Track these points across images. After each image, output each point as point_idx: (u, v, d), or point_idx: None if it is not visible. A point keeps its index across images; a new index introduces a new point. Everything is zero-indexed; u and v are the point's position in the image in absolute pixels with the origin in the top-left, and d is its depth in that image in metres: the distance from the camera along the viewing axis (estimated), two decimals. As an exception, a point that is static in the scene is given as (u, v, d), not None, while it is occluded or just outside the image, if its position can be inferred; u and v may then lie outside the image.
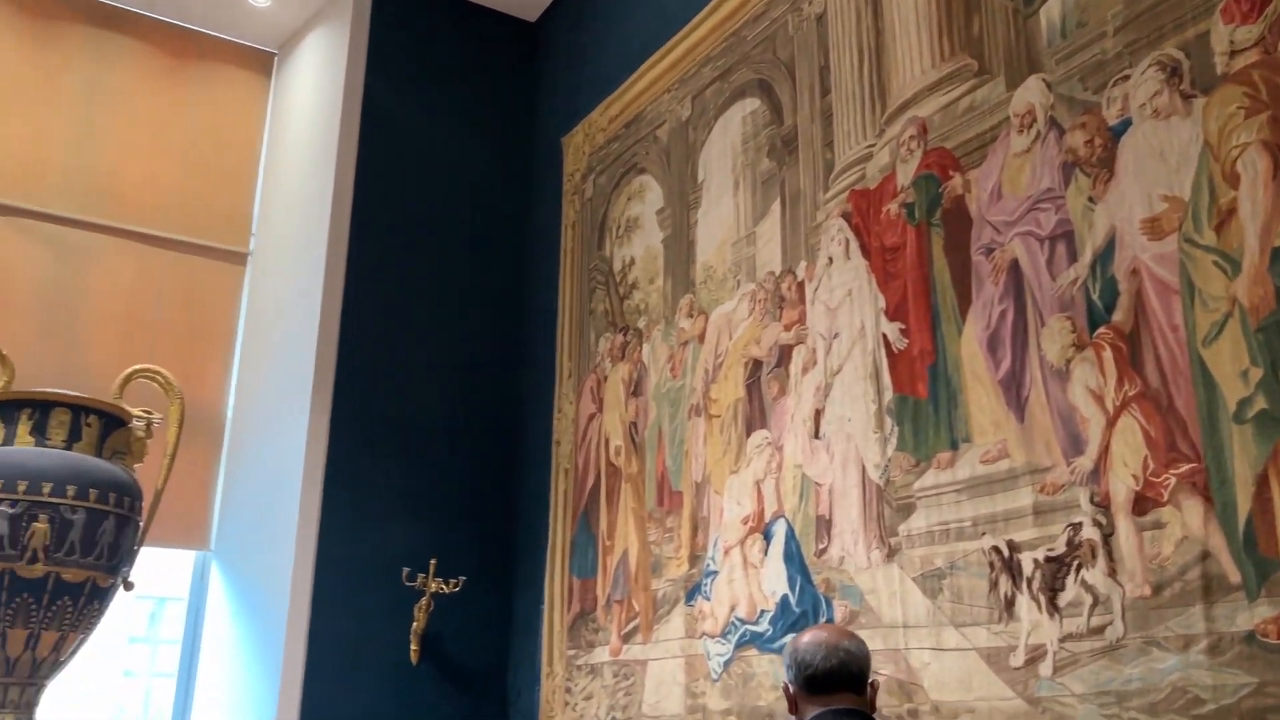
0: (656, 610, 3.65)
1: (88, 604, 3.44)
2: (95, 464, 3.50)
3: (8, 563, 3.26)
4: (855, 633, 2.15)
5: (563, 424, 4.49)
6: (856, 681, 1.90)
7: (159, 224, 4.87)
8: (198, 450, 4.65)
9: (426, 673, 4.36)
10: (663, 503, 3.77)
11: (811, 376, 3.16)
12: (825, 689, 1.88)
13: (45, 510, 3.31)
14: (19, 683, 3.34)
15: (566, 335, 4.59)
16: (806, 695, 1.91)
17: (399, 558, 4.35)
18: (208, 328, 4.92)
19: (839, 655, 1.90)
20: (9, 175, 4.60)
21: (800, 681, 1.92)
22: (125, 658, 6.94)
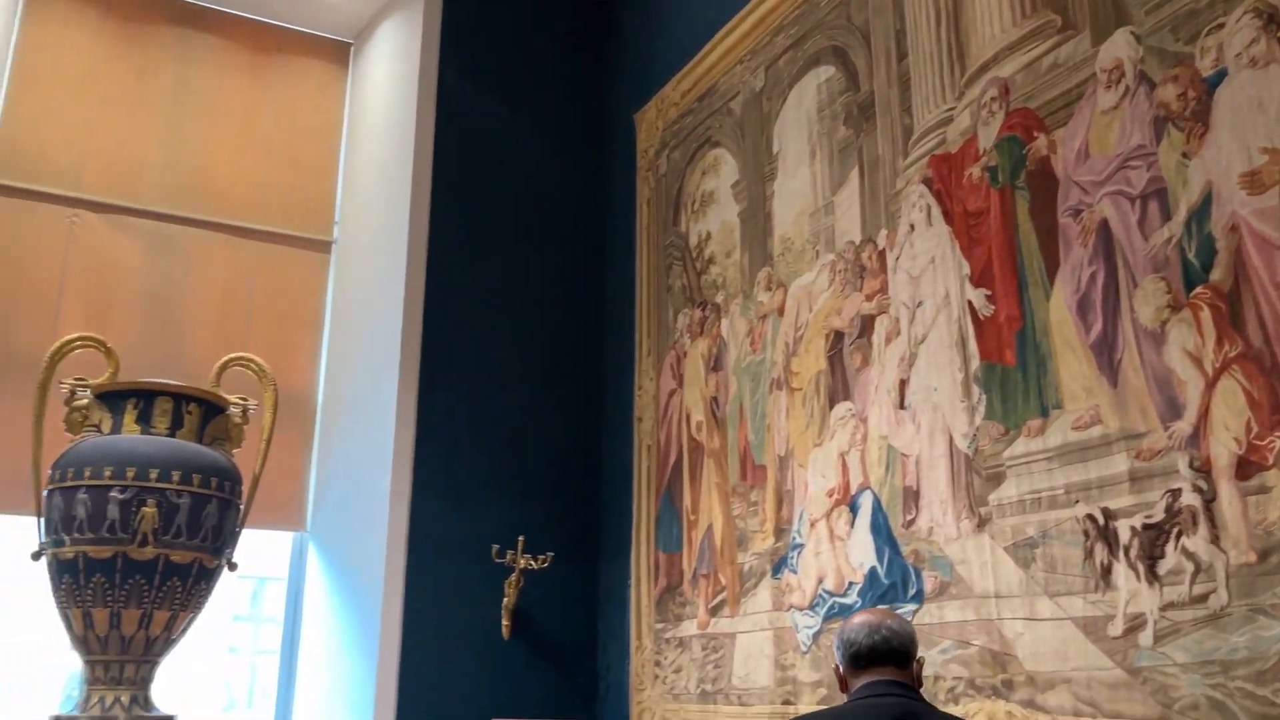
0: (743, 584, 3.66)
1: (195, 584, 3.59)
2: (197, 450, 3.64)
3: (120, 546, 3.41)
4: (901, 615, 2.21)
5: (643, 400, 4.51)
6: (900, 656, 2.00)
7: (247, 216, 5.01)
8: (291, 435, 4.79)
9: (518, 647, 4.45)
10: (746, 477, 3.77)
11: (895, 346, 3.12)
12: (869, 664, 1.98)
13: (153, 495, 3.45)
14: (134, 660, 3.50)
15: (645, 312, 4.61)
16: (853, 671, 2.02)
17: (488, 535, 4.43)
18: (297, 315, 5.05)
19: (881, 633, 2.00)
20: (108, 176, 4.77)
21: (847, 659, 2.02)
22: (230, 636, 7.21)
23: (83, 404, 3.66)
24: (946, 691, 2.73)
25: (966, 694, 2.67)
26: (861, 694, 1.98)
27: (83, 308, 4.59)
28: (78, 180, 4.71)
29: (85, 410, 3.65)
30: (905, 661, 2.01)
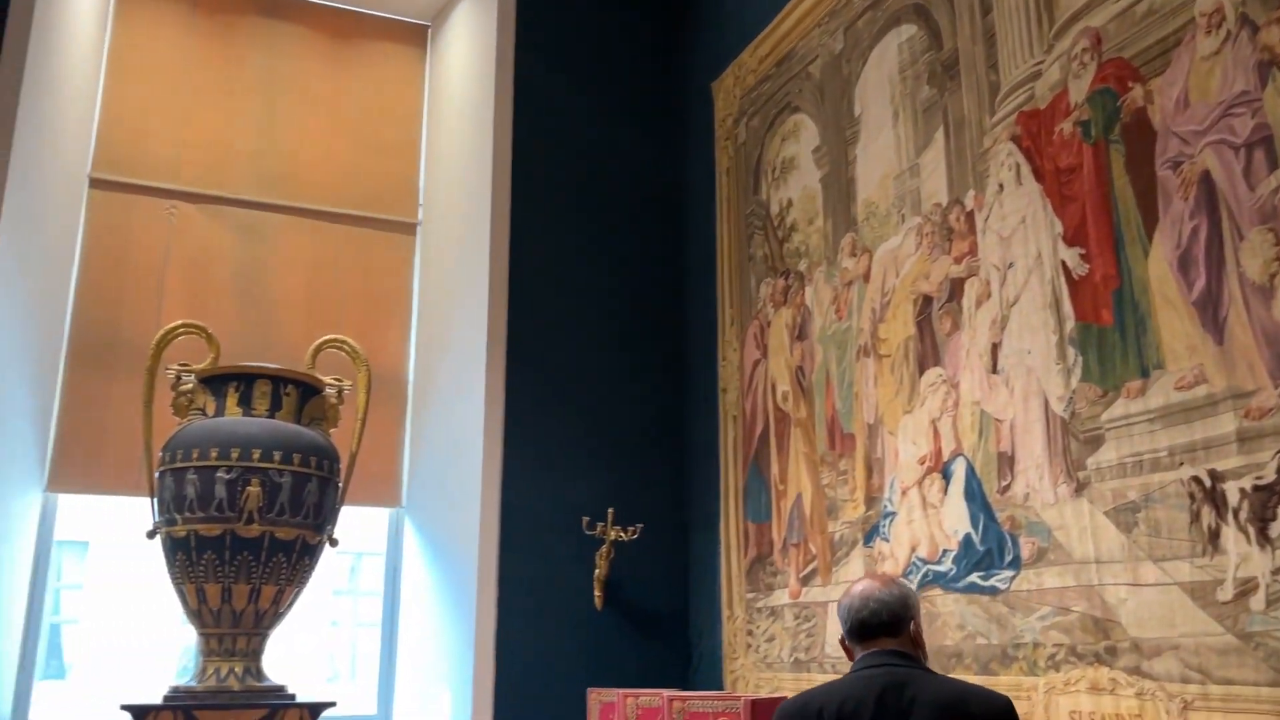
0: (834, 552, 3.64)
1: (299, 560, 3.71)
2: (296, 430, 3.76)
3: (228, 524, 3.55)
4: (899, 580, 2.23)
5: (728, 371, 4.51)
6: (891, 626, 2.08)
7: (334, 201, 5.12)
8: (385, 414, 4.91)
9: (611, 617, 4.51)
10: (834, 446, 3.74)
11: (986, 309, 3.06)
12: (864, 637, 2.09)
13: (256, 475, 3.58)
14: (245, 633, 3.65)
15: (727, 283, 4.59)
16: (853, 642, 2.12)
17: (579, 507, 4.49)
18: (386, 297, 5.15)
19: (870, 606, 2.08)
20: (202, 166, 4.93)
21: (847, 633, 2.13)
22: (331, 610, 7.45)
23: (188, 388, 3.80)
24: (1047, 659, 2.69)
25: (1068, 661, 2.63)
26: (857, 666, 2.07)
27: (183, 295, 4.76)
28: (174, 172, 4.88)
29: (190, 394, 3.79)
30: (898, 630, 2.08)
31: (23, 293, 4.25)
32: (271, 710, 3.47)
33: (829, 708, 1.97)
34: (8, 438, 4.20)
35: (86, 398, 4.55)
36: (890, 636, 2.07)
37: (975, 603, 2.96)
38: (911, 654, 2.08)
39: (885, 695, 1.95)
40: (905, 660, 2.04)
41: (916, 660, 2.08)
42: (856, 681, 2.01)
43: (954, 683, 2.11)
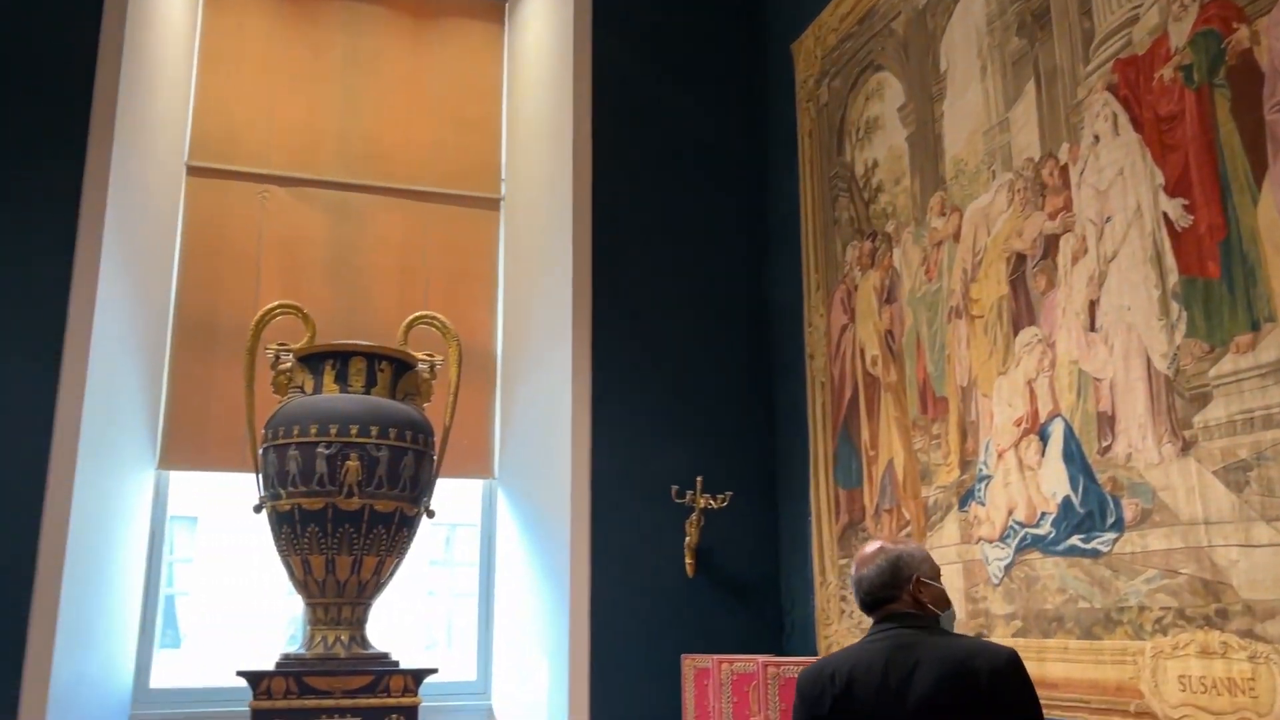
0: (928, 517, 3.60)
1: (398, 531, 3.82)
2: (392, 405, 3.85)
3: (329, 497, 3.67)
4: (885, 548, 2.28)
5: (814, 337, 4.47)
6: (888, 596, 2.18)
7: (419, 179, 5.19)
8: (475, 387, 4.99)
9: (703, 584, 4.54)
10: (926, 410, 3.69)
11: (1083, 265, 2.97)
12: (870, 609, 2.21)
13: (355, 450, 3.69)
14: (349, 602, 3.77)
15: (811, 247, 4.54)
16: (864, 614, 2.26)
17: (668, 475, 4.52)
18: (472, 272, 5.22)
19: (863, 587, 2.21)
20: (291, 150, 5.04)
21: (858, 603, 2.27)
22: (428, 580, 7.62)
23: (286, 367, 3.93)
24: (1154, 623, 2.62)
25: (1176, 624, 2.56)
26: (868, 634, 2.19)
27: (278, 277, 4.89)
28: (265, 157, 5.00)
29: (289, 373, 3.92)
30: (897, 595, 2.17)
31: (131, 280, 4.43)
32: (377, 676, 3.59)
33: (840, 672, 2.07)
34: (123, 419, 4.39)
35: (192, 379, 4.72)
36: (891, 603, 2.18)
37: (1076, 566, 2.90)
38: (916, 613, 2.16)
39: (892, 657, 2.04)
40: (910, 623, 2.14)
41: (922, 621, 2.16)
42: (865, 647, 2.13)
43: (960, 640, 2.17)
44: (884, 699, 2.00)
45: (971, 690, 1.98)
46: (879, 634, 2.14)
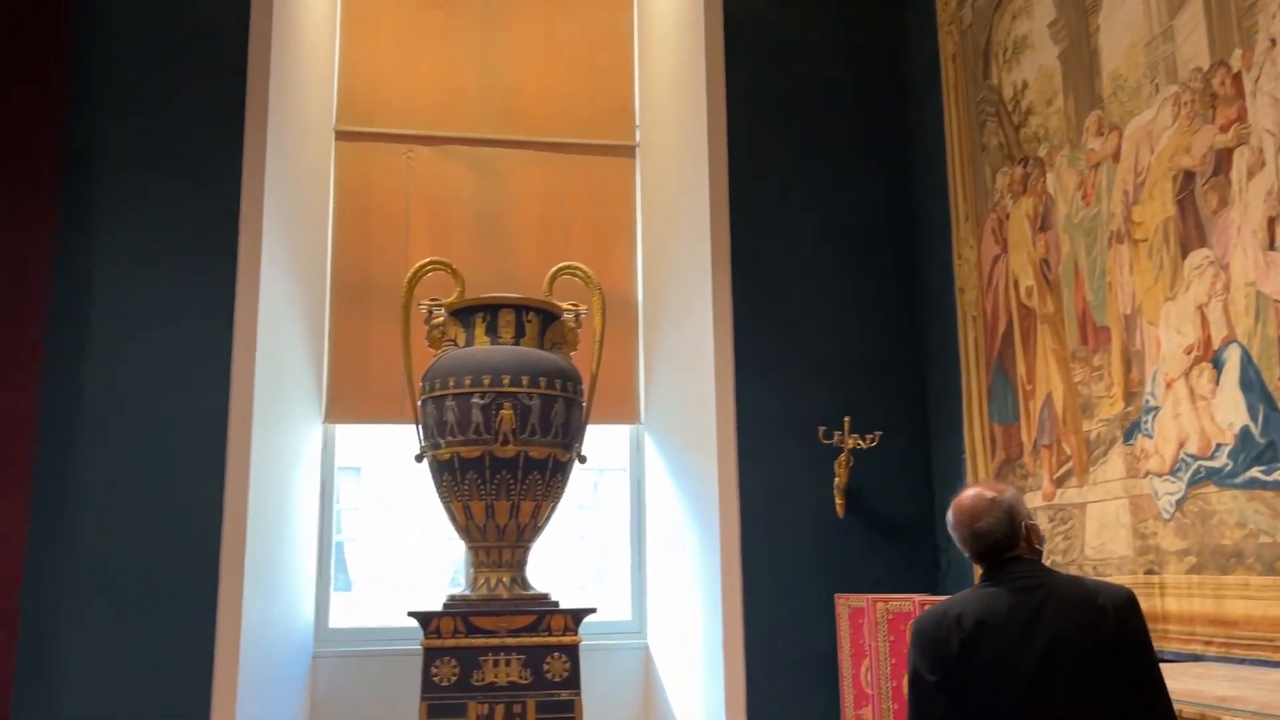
0: (1090, 452, 3.47)
1: (552, 477, 3.93)
2: (541, 355, 3.95)
3: (486, 445, 3.80)
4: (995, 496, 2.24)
5: (964, 270, 4.33)
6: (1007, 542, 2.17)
7: (555, 130, 5.25)
8: (619, 334, 5.05)
9: (854, 524, 4.51)
10: (1086, 340, 3.53)
11: (1260, 180, 2.77)
12: (986, 556, 2.20)
13: (508, 399, 3.80)
14: (509, 545, 3.92)
15: (959, 176, 4.38)
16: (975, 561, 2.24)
17: (814, 416, 4.49)
18: (611, 221, 5.26)
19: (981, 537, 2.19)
20: (432, 109, 5.17)
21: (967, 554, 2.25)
22: (578, 524, 7.82)
23: (439, 321, 4.07)
24: (1346, 557, 2.47)
25: (1372, 559, 2.40)
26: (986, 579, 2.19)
27: (426, 234, 5.05)
28: (408, 118, 5.14)
29: (442, 327, 4.06)
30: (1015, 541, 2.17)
31: (291, 244, 4.65)
32: (539, 616, 3.72)
33: (967, 616, 2.07)
34: (290, 376, 4.65)
35: (351, 336, 4.95)
36: (1010, 550, 2.18)
37: (1257, 499, 2.75)
38: (1031, 558, 2.19)
39: (1017, 600, 2.07)
40: (1029, 567, 2.16)
41: (1039, 563, 2.20)
42: (989, 591, 2.14)
43: (1079, 580, 2.18)
44: (1015, 641, 2.02)
45: (1099, 628, 2.01)
46: (1000, 579, 2.15)
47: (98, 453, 4.17)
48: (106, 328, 4.26)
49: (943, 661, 2.05)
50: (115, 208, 4.35)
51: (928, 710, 2.05)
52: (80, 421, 4.18)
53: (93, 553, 4.10)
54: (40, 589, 4.03)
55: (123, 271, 4.31)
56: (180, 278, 4.33)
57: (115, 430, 4.19)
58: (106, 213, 4.34)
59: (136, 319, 4.28)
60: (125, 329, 4.27)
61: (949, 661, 2.04)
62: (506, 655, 3.65)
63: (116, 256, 4.32)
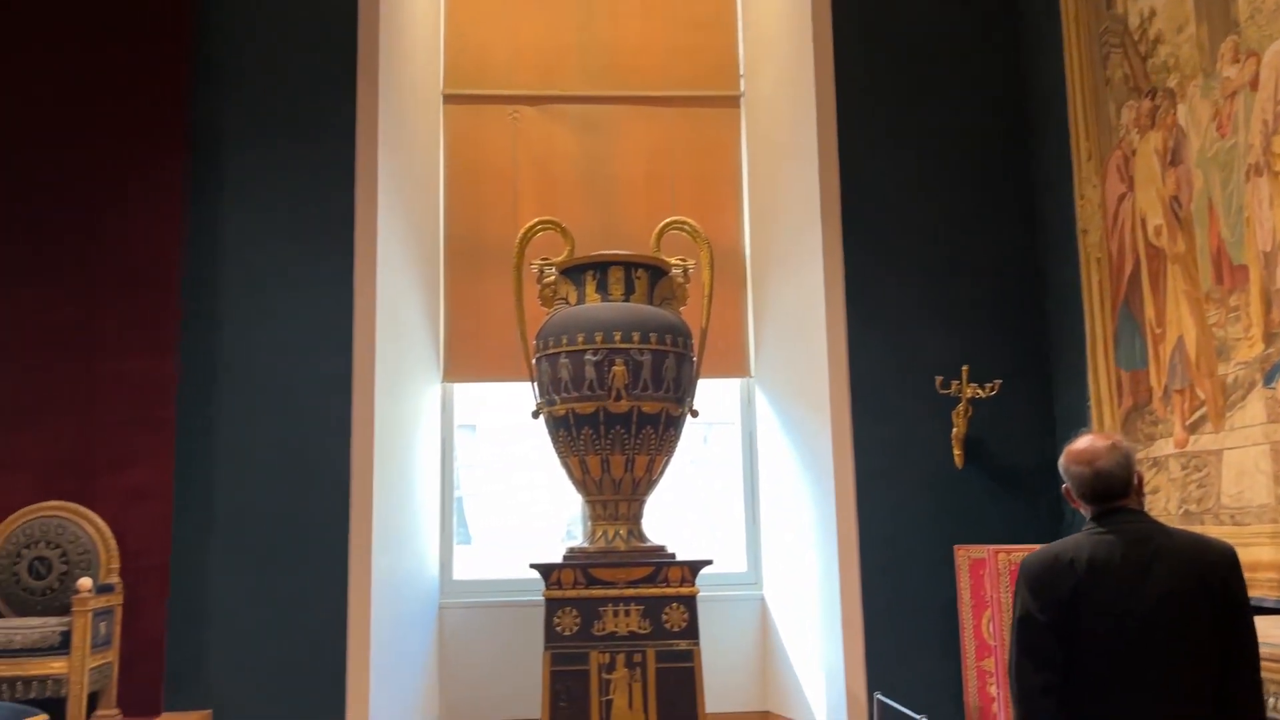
0: (1227, 396, 3.32)
1: (665, 431, 3.96)
2: (651, 311, 3.97)
3: (599, 401, 3.85)
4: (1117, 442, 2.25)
5: (1087, 210, 4.16)
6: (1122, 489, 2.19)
7: (659, 84, 5.22)
8: (727, 288, 5.03)
9: (973, 475, 4.43)
10: (1221, 280, 3.37)
11: None
12: (1099, 500, 2.20)
13: (620, 355, 3.84)
14: (625, 499, 3.98)
15: (1080, 112, 4.19)
16: (1087, 504, 2.23)
17: (930, 366, 4.41)
18: (716, 174, 5.22)
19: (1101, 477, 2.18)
20: (537, 69, 5.20)
21: (1079, 496, 2.24)
22: (690, 478, 7.86)
23: (550, 280, 4.12)
24: None
25: None
26: (1096, 525, 2.19)
27: (534, 194, 5.10)
28: (512, 79, 5.18)
29: (553, 285, 4.11)
30: (1128, 489, 2.20)
31: (404, 208, 4.75)
32: (657, 567, 3.78)
33: (1079, 559, 2.10)
34: (411, 337, 4.78)
35: (465, 296, 5.05)
36: (1122, 497, 2.19)
37: None
38: (1140, 508, 2.23)
39: (1130, 548, 2.10)
40: (1140, 516, 2.18)
41: (1146, 514, 2.22)
42: (1099, 537, 2.15)
43: (1186, 533, 2.21)
44: (1125, 587, 2.07)
45: (1205, 581, 2.07)
46: (1110, 525, 2.16)
47: (233, 415, 4.38)
48: (236, 295, 4.45)
49: (1055, 603, 2.08)
50: (239, 179, 4.52)
51: (1036, 648, 2.08)
52: (216, 385, 4.40)
53: (232, 509, 4.32)
54: (187, 544, 4.27)
55: (248, 240, 4.49)
56: (302, 244, 4.49)
57: (248, 393, 4.39)
58: (231, 185, 4.52)
59: (263, 285, 4.46)
60: (253, 295, 4.46)
61: (1061, 603, 2.08)
62: (626, 606, 3.72)
63: (241, 226, 4.50)
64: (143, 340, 4.25)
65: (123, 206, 4.33)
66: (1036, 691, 2.06)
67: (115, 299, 4.27)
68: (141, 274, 4.30)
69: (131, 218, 4.32)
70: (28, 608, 3.91)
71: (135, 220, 4.32)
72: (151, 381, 4.23)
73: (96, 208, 4.32)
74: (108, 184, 4.34)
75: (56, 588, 3.92)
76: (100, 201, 4.32)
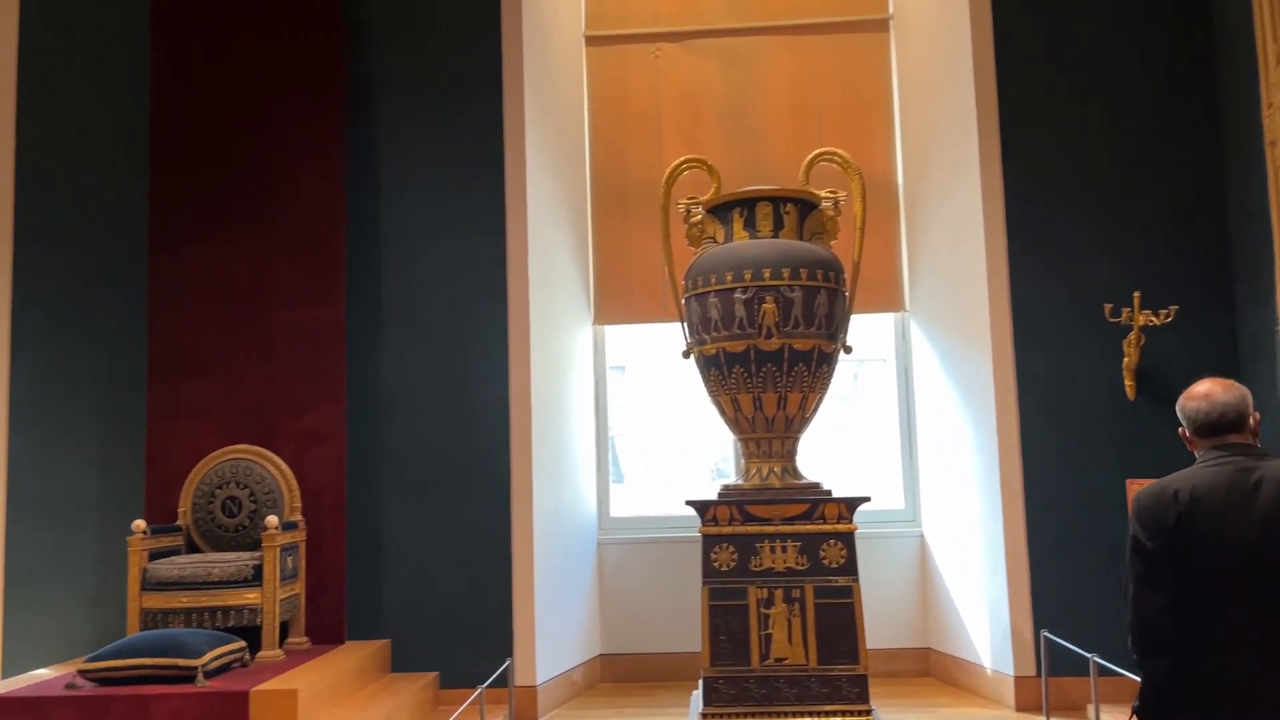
0: None
1: (817, 368, 3.91)
2: (800, 246, 3.90)
3: (750, 340, 3.83)
4: (1236, 383, 2.35)
5: (1276, 120, 3.84)
6: (1235, 424, 2.29)
7: (803, 11, 5.07)
8: (879, 220, 4.90)
9: (1145, 406, 4.22)
10: None
11: None
12: (1212, 433, 2.31)
13: (769, 292, 3.79)
14: (779, 436, 3.96)
15: (1266, 13, 3.86)
16: (1198, 439, 2.34)
17: (1098, 294, 4.21)
18: (864, 101, 5.06)
19: (1218, 409, 2.30)
20: (677, 4, 5.13)
21: (1192, 429, 2.36)
22: (843, 415, 7.78)
23: (698, 219, 4.09)
24: None
25: None
26: (1206, 458, 2.29)
27: (678, 132, 5.07)
28: (654, 16, 5.13)
29: (701, 224, 4.08)
30: (1241, 425, 2.29)
31: (551, 153, 4.81)
32: (812, 505, 3.76)
33: (1184, 491, 2.23)
34: (563, 280, 4.87)
35: (612, 239, 5.09)
36: (1235, 432, 2.29)
37: None
38: (1253, 445, 2.30)
39: (1235, 479, 2.21)
40: (1250, 450, 2.27)
41: (1258, 449, 2.30)
42: (1206, 470, 2.27)
43: None
44: (1229, 515, 2.18)
45: None
46: (1219, 458, 2.27)
47: (397, 360, 4.58)
48: (394, 244, 4.63)
49: (1162, 531, 2.23)
50: (392, 131, 4.67)
51: (1148, 574, 2.24)
52: (380, 333, 4.60)
53: (399, 450, 4.54)
54: (360, 482, 4.51)
55: (403, 190, 4.64)
56: (454, 192, 4.61)
57: (410, 339, 4.57)
58: (385, 137, 4.67)
59: (419, 234, 4.61)
60: (410, 244, 4.62)
61: (1167, 530, 2.23)
62: (783, 542, 3.73)
63: (396, 176, 4.65)
64: (313, 291, 4.48)
65: (288, 164, 4.53)
66: (1151, 613, 2.22)
67: (286, 253, 4.50)
68: (309, 228, 4.51)
69: (297, 174, 4.53)
70: (222, 544, 4.23)
71: (301, 177, 4.53)
72: (322, 330, 4.46)
73: (265, 166, 4.54)
74: (275, 143, 4.55)
75: (247, 525, 4.22)
76: (269, 160, 4.54)
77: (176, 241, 4.53)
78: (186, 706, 3.43)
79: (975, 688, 4.46)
